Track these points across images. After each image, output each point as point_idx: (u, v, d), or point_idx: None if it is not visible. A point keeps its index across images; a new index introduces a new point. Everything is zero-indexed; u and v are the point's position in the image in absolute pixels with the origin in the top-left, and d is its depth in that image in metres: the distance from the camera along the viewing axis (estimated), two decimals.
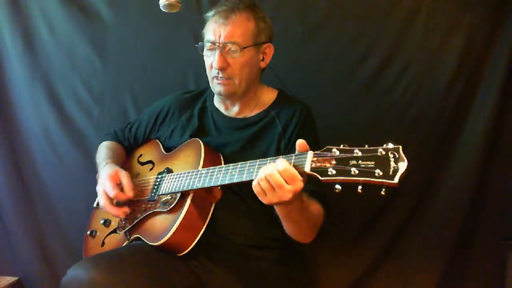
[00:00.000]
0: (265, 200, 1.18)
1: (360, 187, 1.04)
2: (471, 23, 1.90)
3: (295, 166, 1.14)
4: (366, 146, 1.07)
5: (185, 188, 1.41)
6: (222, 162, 1.49)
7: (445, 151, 1.97)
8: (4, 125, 2.26)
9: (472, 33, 1.90)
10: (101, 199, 1.52)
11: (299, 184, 1.14)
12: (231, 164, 1.32)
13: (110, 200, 1.52)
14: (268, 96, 1.66)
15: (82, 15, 2.17)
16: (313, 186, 1.31)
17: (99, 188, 1.54)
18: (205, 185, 1.36)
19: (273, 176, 1.14)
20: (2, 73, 2.23)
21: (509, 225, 1.93)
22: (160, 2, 1.41)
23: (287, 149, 1.49)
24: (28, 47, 2.20)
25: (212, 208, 1.42)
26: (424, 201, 2.00)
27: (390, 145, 1.04)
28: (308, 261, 1.68)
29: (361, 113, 2.01)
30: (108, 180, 1.52)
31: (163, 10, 1.42)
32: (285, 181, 1.13)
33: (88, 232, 1.70)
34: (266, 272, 1.52)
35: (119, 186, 1.52)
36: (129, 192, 1.51)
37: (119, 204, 1.54)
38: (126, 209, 1.51)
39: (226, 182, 1.30)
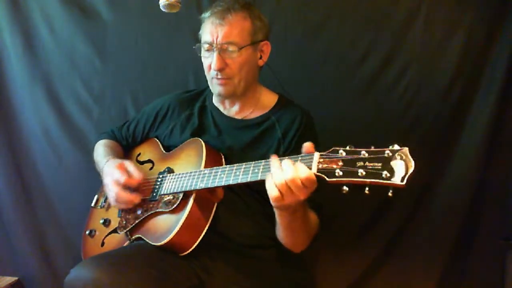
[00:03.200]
0: (281, 202, 1.17)
1: (367, 188, 1.04)
2: (471, 23, 1.90)
3: None
4: (372, 147, 1.07)
5: (188, 188, 1.41)
6: (224, 162, 1.49)
7: (445, 151, 1.98)
8: (4, 125, 2.26)
9: (472, 33, 1.90)
10: (112, 189, 1.51)
11: (315, 186, 1.15)
12: (235, 165, 1.32)
13: (122, 187, 1.51)
14: (268, 99, 1.66)
15: (82, 15, 2.17)
16: (312, 194, 1.31)
17: (108, 180, 1.54)
18: (209, 185, 1.35)
19: (294, 181, 1.13)
20: (2, 73, 2.23)
21: (509, 225, 1.93)
22: (160, 2, 1.41)
23: (285, 155, 1.48)
24: (28, 47, 2.20)
25: (214, 208, 1.42)
26: (424, 201, 2.00)
27: (396, 147, 1.05)
28: (308, 261, 1.68)
29: (361, 113, 2.01)
30: (115, 170, 1.52)
31: (163, 10, 1.43)
32: (305, 185, 1.14)
33: (87, 232, 1.69)
34: (266, 271, 1.52)
35: (128, 173, 1.52)
36: (138, 175, 1.51)
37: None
38: (138, 195, 1.51)
39: (231, 182, 1.30)
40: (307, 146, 1.18)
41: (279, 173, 1.16)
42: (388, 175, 1.02)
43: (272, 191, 1.17)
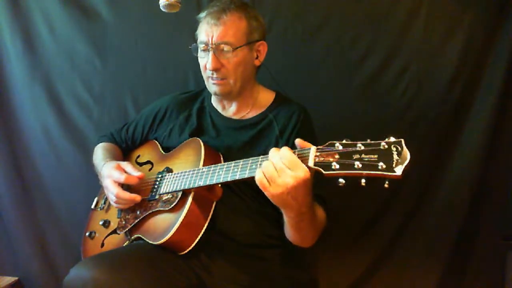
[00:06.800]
0: (269, 190, 1.16)
1: (363, 180, 1.05)
2: (471, 23, 1.90)
3: None
4: (368, 140, 1.07)
5: (186, 187, 1.41)
6: (222, 162, 1.49)
7: (444, 151, 1.98)
8: (4, 125, 2.26)
9: (472, 33, 1.90)
10: (112, 190, 1.51)
11: (301, 171, 1.13)
12: (233, 162, 1.32)
13: (121, 187, 1.51)
14: (265, 97, 1.66)
15: (82, 15, 2.17)
16: (314, 188, 1.31)
17: (106, 182, 1.54)
18: (207, 183, 1.36)
19: (274, 158, 1.15)
20: (2, 73, 2.23)
21: (509, 225, 1.93)
22: (160, 2, 1.42)
23: None
24: (28, 47, 2.20)
25: (213, 207, 1.42)
26: (424, 201, 2.00)
27: (392, 139, 1.05)
28: (309, 260, 1.68)
29: (361, 113, 2.01)
30: (114, 170, 1.53)
31: (163, 10, 1.43)
32: (287, 167, 1.13)
33: (87, 234, 1.70)
34: (266, 271, 1.52)
35: (126, 173, 1.53)
36: (136, 173, 1.52)
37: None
38: (137, 195, 1.51)
39: (229, 179, 1.30)
40: (300, 142, 1.17)
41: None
42: (384, 166, 1.02)
43: (258, 180, 1.17)
